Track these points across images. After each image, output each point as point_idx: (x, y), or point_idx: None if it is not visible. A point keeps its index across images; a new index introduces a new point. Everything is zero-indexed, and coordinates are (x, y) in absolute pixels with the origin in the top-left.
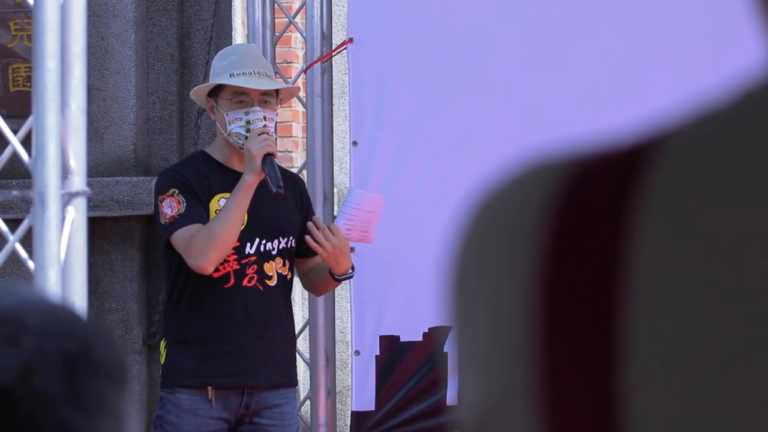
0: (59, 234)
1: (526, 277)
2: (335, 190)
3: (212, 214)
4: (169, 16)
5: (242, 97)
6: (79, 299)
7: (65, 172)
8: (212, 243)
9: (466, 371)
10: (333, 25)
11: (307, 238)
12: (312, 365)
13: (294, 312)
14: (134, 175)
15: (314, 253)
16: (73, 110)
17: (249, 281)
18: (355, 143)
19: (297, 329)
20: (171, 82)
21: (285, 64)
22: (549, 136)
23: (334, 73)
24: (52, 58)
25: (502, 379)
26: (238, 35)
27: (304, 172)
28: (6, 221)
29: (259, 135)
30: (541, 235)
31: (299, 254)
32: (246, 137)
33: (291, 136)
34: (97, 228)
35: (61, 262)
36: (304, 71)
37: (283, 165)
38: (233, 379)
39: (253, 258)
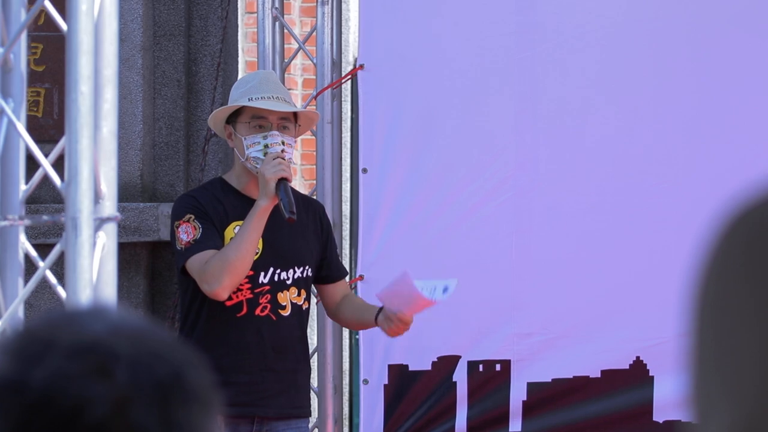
0: (91, 259)
1: None
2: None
3: (227, 241)
4: (176, 42)
5: (261, 121)
6: None
7: (96, 197)
8: (226, 269)
9: (715, 387)
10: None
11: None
12: (320, 393)
13: None
14: (140, 201)
15: (338, 279)
16: (104, 134)
17: (262, 311)
18: (364, 170)
19: None
20: (178, 107)
21: None
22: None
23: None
24: (86, 82)
25: None
26: (245, 61)
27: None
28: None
29: (273, 159)
30: None
31: (323, 281)
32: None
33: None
34: None
35: (93, 287)
36: (315, 98)
37: None
38: (242, 409)
39: (267, 287)
